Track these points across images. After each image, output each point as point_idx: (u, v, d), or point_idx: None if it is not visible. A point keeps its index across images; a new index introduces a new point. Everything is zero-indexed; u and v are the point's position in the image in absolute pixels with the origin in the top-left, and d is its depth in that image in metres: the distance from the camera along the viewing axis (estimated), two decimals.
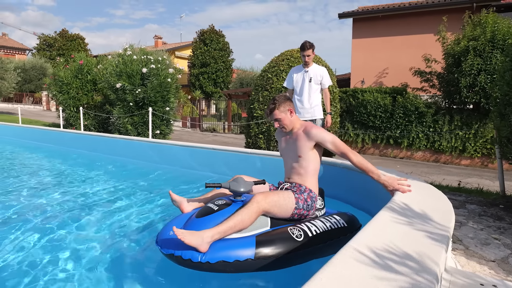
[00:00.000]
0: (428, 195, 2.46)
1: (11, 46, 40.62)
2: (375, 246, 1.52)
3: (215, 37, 26.05)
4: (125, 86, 9.82)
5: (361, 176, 3.52)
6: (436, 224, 1.81)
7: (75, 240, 2.78)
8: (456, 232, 2.87)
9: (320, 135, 2.53)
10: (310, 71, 4.84)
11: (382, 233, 1.68)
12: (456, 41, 9.38)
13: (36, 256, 2.49)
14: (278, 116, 2.60)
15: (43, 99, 31.95)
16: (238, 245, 2.10)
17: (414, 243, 1.58)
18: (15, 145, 9.20)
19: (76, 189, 4.42)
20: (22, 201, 3.85)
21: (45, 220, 3.23)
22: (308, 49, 4.70)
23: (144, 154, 6.42)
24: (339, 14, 15.16)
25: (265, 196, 2.30)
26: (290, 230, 2.28)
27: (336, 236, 2.43)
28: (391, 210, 2.01)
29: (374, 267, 1.35)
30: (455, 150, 9.55)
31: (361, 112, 10.51)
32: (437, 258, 1.43)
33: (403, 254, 1.46)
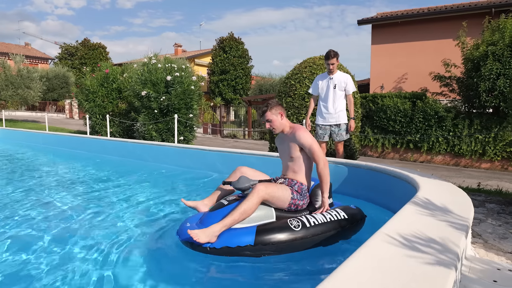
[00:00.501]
0: (448, 191, 2.66)
1: (34, 56, 41.74)
2: (403, 232, 1.74)
3: (235, 45, 26.49)
4: (150, 93, 10.20)
5: (384, 177, 3.73)
6: (456, 215, 2.02)
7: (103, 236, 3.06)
8: (476, 228, 3.05)
9: (300, 140, 2.82)
10: (335, 78, 5.10)
11: (408, 222, 1.90)
12: (475, 46, 9.46)
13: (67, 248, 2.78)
14: (269, 118, 2.93)
15: (66, 107, 32.91)
16: (241, 233, 2.46)
17: (437, 230, 1.79)
18: (46, 151, 9.66)
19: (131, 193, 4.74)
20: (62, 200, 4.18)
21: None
22: (332, 57, 4.96)
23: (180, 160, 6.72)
24: (358, 21, 15.34)
25: (265, 186, 2.60)
26: (289, 221, 2.59)
27: (335, 227, 2.69)
28: (415, 204, 2.23)
29: (403, 248, 1.58)
30: (475, 153, 9.59)
31: (381, 117, 10.64)
32: (458, 241, 1.65)
33: (427, 239, 1.68)
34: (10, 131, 13.46)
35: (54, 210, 3.76)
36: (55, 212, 3.69)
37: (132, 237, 2.98)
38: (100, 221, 3.42)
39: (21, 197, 4.33)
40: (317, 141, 5.25)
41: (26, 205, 3.94)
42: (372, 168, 3.93)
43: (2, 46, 43.16)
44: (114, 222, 3.41)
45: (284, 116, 2.98)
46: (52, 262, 2.50)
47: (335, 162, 4.46)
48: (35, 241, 2.89)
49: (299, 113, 6.62)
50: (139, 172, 6.37)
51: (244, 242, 2.42)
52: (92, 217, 3.53)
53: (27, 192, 4.63)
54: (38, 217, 3.50)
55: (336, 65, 5.04)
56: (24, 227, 3.21)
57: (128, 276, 2.32)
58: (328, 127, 5.19)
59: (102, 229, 3.18)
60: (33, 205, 3.97)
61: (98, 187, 5.01)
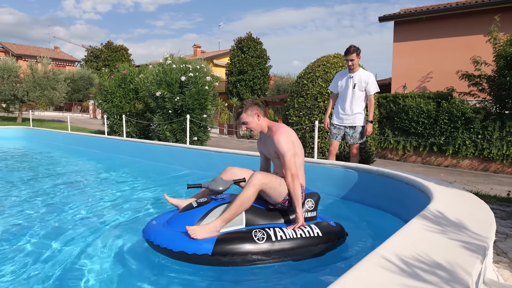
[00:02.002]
0: (466, 203, 2.29)
1: (62, 58, 43.15)
2: (403, 253, 1.43)
3: (253, 45, 26.27)
4: (165, 94, 10.11)
5: (396, 184, 3.38)
6: (472, 234, 1.67)
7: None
8: (501, 244, 2.65)
9: (277, 144, 2.58)
10: (355, 76, 4.71)
11: (411, 241, 1.58)
12: (508, 41, 8.82)
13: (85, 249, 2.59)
14: (245, 120, 2.70)
15: (90, 108, 33.66)
16: (201, 240, 2.29)
17: (446, 252, 1.46)
18: (64, 150, 9.71)
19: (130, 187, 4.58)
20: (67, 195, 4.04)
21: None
22: (351, 53, 4.60)
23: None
24: (379, 18, 14.80)
25: (263, 175, 2.46)
26: (254, 233, 2.39)
27: (305, 245, 2.44)
28: (424, 218, 1.90)
29: (401, 275, 1.26)
30: (507, 158, 8.94)
31: (402, 118, 10.13)
32: (470, 268, 1.31)
33: (433, 263, 1.36)
34: (35, 130, 13.92)
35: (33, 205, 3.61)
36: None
37: (101, 235, 2.91)
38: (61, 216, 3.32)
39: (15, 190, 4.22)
40: (330, 141, 4.99)
41: (15, 198, 3.82)
42: (384, 174, 3.57)
43: (33, 50, 44.74)
44: (90, 219, 3.35)
45: (261, 116, 2.74)
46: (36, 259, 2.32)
47: (345, 166, 4.12)
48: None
49: (311, 113, 6.29)
50: (141, 170, 6.22)
51: (201, 250, 2.24)
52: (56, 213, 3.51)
53: (27, 185, 4.53)
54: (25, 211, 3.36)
55: (356, 62, 4.66)
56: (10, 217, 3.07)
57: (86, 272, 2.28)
58: (342, 128, 4.84)
59: (68, 224, 3.09)
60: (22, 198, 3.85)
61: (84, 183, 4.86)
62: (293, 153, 2.57)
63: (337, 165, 4.21)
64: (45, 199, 4.13)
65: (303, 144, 6.40)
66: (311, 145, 6.22)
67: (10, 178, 5.52)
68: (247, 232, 2.41)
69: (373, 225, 3.33)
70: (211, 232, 2.32)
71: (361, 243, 2.86)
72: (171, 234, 2.39)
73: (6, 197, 4.25)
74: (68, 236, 2.91)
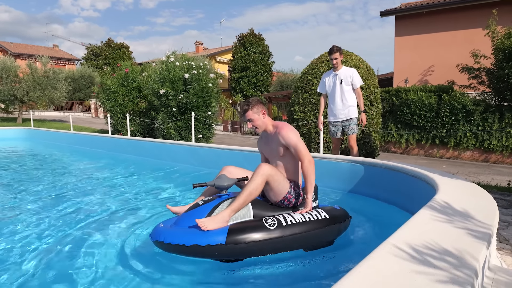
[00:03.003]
0: (470, 194, 2.41)
1: (61, 57, 42.94)
2: (413, 242, 1.55)
3: (255, 41, 26.30)
4: (168, 92, 10.19)
5: (402, 176, 3.49)
6: (478, 222, 1.80)
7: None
8: (503, 232, 2.78)
9: (285, 139, 2.68)
10: (340, 73, 5.03)
11: (421, 230, 1.70)
12: (506, 35, 8.91)
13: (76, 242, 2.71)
14: (250, 117, 2.78)
15: (91, 107, 33.68)
16: (213, 232, 2.32)
17: (454, 239, 1.58)
18: (68, 150, 9.82)
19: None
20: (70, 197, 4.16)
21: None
22: (335, 52, 4.93)
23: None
24: (380, 12, 14.85)
25: (270, 166, 2.56)
26: (265, 220, 2.46)
27: (314, 227, 2.52)
28: (432, 208, 2.01)
29: (412, 262, 1.38)
30: (506, 149, 9.06)
31: (405, 112, 10.24)
32: (477, 254, 1.43)
33: (442, 250, 1.48)
34: (36, 131, 13.88)
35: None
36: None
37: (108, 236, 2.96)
38: (72, 217, 3.42)
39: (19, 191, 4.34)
40: (332, 138, 5.18)
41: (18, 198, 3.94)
42: (389, 167, 3.69)
43: (31, 49, 44.64)
44: (95, 220, 3.40)
45: (266, 114, 2.83)
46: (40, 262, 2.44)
47: (351, 160, 4.24)
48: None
49: (316, 109, 6.39)
50: (146, 168, 6.33)
51: (215, 241, 2.28)
52: (63, 213, 3.55)
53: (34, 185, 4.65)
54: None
55: (339, 60, 5.00)
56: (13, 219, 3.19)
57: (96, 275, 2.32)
58: (339, 123, 5.12)
59: (72, 225, 3.15)
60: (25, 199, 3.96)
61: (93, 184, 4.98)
62: (303, 142, 2.70)
63: (344, 160, 4.33)
64: (49, 200, 4.20)
65: (309, 140, 6.52)
66: (316, 141, 6.34)
67: (12, 178, 5.63)
68: (257, 220, 2.48)
69: (380, 217, 3.45)
70: (221, 222, 2.37)
71: (370, 234, 2.99)
72: (181, 230, 2.43)
73: (11, 198, 4.35)
74: (74, 237, 2.97)
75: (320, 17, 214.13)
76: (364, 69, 6.53)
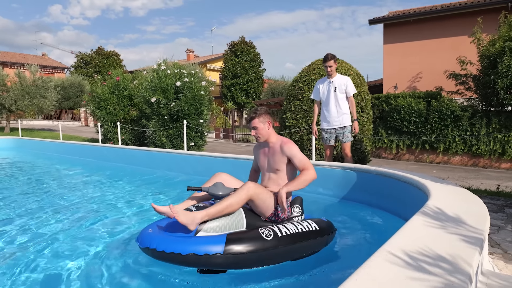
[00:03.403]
0: (462, 199, 2.46)
1: (51, 65, 42.49)
2: (408, 248, 1.57)
3: (246, 48, 26.46)
4: (160, 100, 10.18)
5: (394, 183, 3.54)
6: (470, 227, 1.84)
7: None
8: (494, 236, 2.83)
9: (291, 152, 2.72)
10: (335, 81, 5.08)
11: (415, 236, 1.73)
12: (491, 42, 9.11)
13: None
14: (256, 125, 2.82)
15: (81, 115, 33.41)
16: (210, 241, 2.30)
17: (447, 245, 1.62)
18: (57, 160, 9.72)
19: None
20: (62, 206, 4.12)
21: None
22: (329, 60, 4.99)
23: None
24: (369, 20, 15.07)
25: (256, 185, 2.56)
26: (261, 230, 2.47)
27: (307, 238, 2.56)
28: (425, 214, 2.05)
29: (407, 269, 1.41)
30: (494, 153, 9.22)
31: (395, 118, 10.36)
32: (470, 259, 1.47)
33: (436, 256, 1.51)
34: (25, 140, 13.71)
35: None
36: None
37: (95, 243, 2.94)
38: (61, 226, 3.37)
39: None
40: (324, 145, 5.22)
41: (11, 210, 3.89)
42: (382, 173, 3.74)
43: (20, 57, 44.19)
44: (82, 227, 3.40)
45: (271, 125, 2.87)
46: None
47: (344, 167, 4.28)
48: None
49: (308, 116, 6.45)
50: (136, 177, 6.30)
51: (213, 251, 2.25)
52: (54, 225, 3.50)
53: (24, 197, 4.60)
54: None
55: (334, 68, 5.05)
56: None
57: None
58: (333, 130, 5.15)
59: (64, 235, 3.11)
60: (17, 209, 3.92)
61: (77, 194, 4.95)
62: (305, 157, 2.74)
63: (336, 166, 4.37)
64: (37, 210, 4.16)
65: (301, 147, 6.55)
66: (309, 147, 6.38)
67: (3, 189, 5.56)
68: (254, 230, 2.48)
69: (373, 223, 3.49)
70: (191, 220, 2.31)
71: (363, 241, 3.01)
72: (176, 238, 2.36)
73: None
74: (62, 247, 2.92)
75: (309, 25, 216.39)
76: (354, 76, 6.62)
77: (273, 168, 2.81)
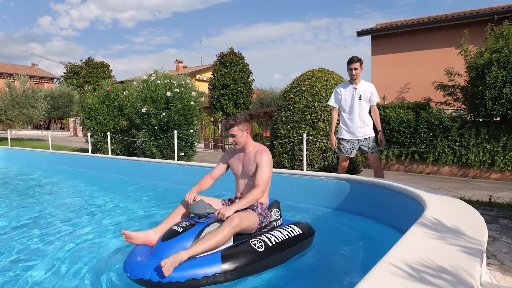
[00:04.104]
0: (458, 210, 2.46)
1: (40, 76, 42.36)
2: (409, 260, 1.55)
3: (235, 59, 26.60)
4: (150, 110, 10.13)
5: (388, 193, 3.53)
6: (469, 238, 1.82)
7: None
8: (490, 248, 2.83)
9: (260, 160, 2.78)
10: (360, 88, 4.62)
11: (415, 248, 1.71)
12: (478, 54, 9.29)
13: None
14: (234, 133, 2.86)
15: (70, 125, 33.08)
16: (205, 262, 2.27)
17: (448, 256, 1.60)
18: (48, 170, 9.55)
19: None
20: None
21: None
22: (355, 62, 4.53)
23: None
24: (357, 32, 15.29)
25: (240, 220, 2.49)
26: (252, 243, 2.51)
27: (294, 243, 2.68)
28: (423, 225, 2.04)
29: (410, 280, 1.38)
30: (483, 164, 9.32)
31: (384, 128, 10.44)
32: (472, 271, 1.45)
33: (437, 268, 1.49)
34: (14, 150, 13.58)
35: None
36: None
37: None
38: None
39: None
40: (341, 157, 4.79)
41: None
42: (375, 184, 3.73)
43: (9, 67, 43.81)
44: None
45: (249, 133, 2.90)
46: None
47: (337, 178, 4.27)
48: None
49: (299, 126, 6.45)
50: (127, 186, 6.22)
51: (211, 272, 2.24)
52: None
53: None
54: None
55: (359, 71, 4.56)
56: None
57: None
58: (356, 141, 4.67)
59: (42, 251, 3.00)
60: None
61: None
62: (271, 172, 2.79)
63: (329, 177, 4.35)
64: (27, 221, 4.07)
65: (292, 157, 6.54)
66: (300, 158, 6.37)
67: None
68: (245, 243, 2.49)
69: (367, 234, 3.46)
70: (177, 263, 2.21)
71: (360, 252, 2.98)
72: None
73: None
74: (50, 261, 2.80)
75: (296, 36, 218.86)
76: None
77: (248, 174, 2.86)
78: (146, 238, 2.62)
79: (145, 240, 2.62)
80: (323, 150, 6.35)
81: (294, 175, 4.77)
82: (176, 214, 2.79)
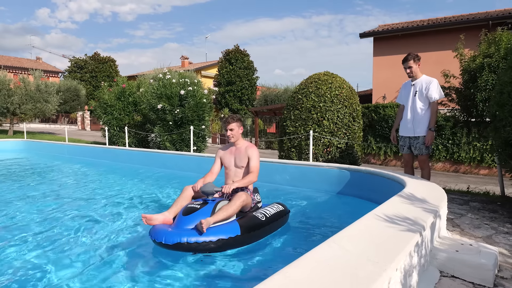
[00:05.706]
0: (429, 189, 3.26)
1: (45, 69, 42.58)
2: (387, 213, 2.36)
3: (240, 56, 27.34)
4: (165, 107, 10.91)
5: (380, 179, 4.33)
6: (430, 204, 2.63)
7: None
8: (456, 220, 3.62)
9: (251, 154, 3.54)
10: (417, 84, 4.60)
11: (392, 207, 2.51)
12: (472, 58, 10.04)
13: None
14: (233, 127, 3.64)
15: (78, 119, 33.88)
16: (228, 227, 2.95)
17: (413, 212, 2.40)
18: (74, 161, 10.34)
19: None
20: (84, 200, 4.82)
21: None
22: (408, 60, 4.55)
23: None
24: (360, 34, 16.03)
25: (246, 196, 3.22)
26: (256, 214, 3.28)
27: (280, 216, 3.48)
28: (400, 196, 2.84)
29: (386, 222, 2.19)
30: (473, 160, 10.11)
31: (383, 126, 11.22)
32: (426, 219, 2.25)
33: (404, 217, 2.29)
34: (33, 142, 14.09)
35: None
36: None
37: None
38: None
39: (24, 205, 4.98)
40: (403, 155, 4.80)
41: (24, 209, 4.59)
42: (371, 172, 4.54)
43: (14, 61, 44.56)
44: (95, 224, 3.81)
45: (241, 131, 3.71)
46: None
47: (339, 167, 5.07)
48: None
49: (306, 124, 7.23)
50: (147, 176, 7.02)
51: (234, 234, 2.90)
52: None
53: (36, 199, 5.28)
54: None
55: (415, 68, 4.55)
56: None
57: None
58: (407, 139, 4.62)
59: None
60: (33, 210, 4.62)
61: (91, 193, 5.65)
62: (258, 166, 3.56)
63: (332, 167, 5.16)
64: (58, 211, 4.59)
65: (299, 151, 7.34)
66: (306, 152, 7.16)
67: (20, 190, 6.18)
68: (251, 215, 3.26)
69: (361, 207, 4.26)
70: (208, 225, 2.81)
71: (352, 214, 3.79)
72: (198, 229, 2.81)
73: (24, 207, 4.97)
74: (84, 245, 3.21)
75: (297, 32, 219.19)
76: (347, 89, 7.43)
77: (239, 165, 3.59)
78: (164, 217, 3.14)
79: (164, 219, 3.12)
80: (327, 145, 7.14)
81: (302, 166, 5.58)
82: (183, 198, 3.37)
